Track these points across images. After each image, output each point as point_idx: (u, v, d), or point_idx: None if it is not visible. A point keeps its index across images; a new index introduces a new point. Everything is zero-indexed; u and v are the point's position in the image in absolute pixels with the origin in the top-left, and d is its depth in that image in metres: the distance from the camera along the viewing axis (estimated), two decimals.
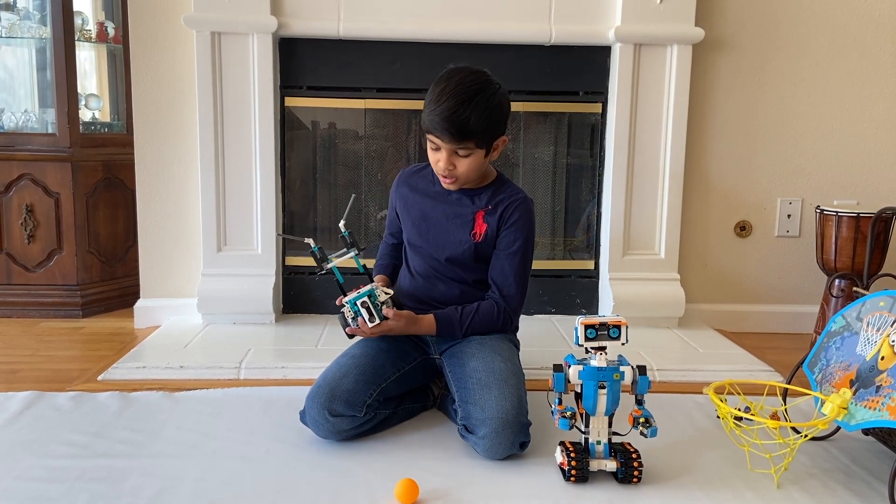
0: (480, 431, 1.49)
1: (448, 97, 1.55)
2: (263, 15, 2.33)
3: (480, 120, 1.55)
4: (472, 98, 1.55)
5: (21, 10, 2.66)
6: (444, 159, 1.60)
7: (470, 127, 1.55)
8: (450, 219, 1.72)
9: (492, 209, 1.70)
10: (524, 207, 1.70)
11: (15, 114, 2.67)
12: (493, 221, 1.69)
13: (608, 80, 2.48)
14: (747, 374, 2.09)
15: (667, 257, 2.51)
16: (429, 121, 1.58)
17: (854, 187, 2.60)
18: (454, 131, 1.55)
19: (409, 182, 1.80)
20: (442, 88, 1.57)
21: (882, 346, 1.37)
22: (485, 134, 1.59)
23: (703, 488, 1.41)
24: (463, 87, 1.56)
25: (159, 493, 1.35)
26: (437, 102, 1.56)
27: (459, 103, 1.54)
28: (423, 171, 1.80)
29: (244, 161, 2.41)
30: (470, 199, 1.72)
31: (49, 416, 1.70)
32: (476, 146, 1.59)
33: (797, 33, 2.51)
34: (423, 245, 1.75)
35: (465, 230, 1.70)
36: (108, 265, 2.73)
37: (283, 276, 2.54)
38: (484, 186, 1.72)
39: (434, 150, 1.62)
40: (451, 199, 1.73)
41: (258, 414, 1.73)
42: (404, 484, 1.33)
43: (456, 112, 1.54)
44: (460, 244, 1.70)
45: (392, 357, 1.67)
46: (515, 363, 1.65)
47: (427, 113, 1.58)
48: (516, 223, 1.69)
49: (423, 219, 1.75)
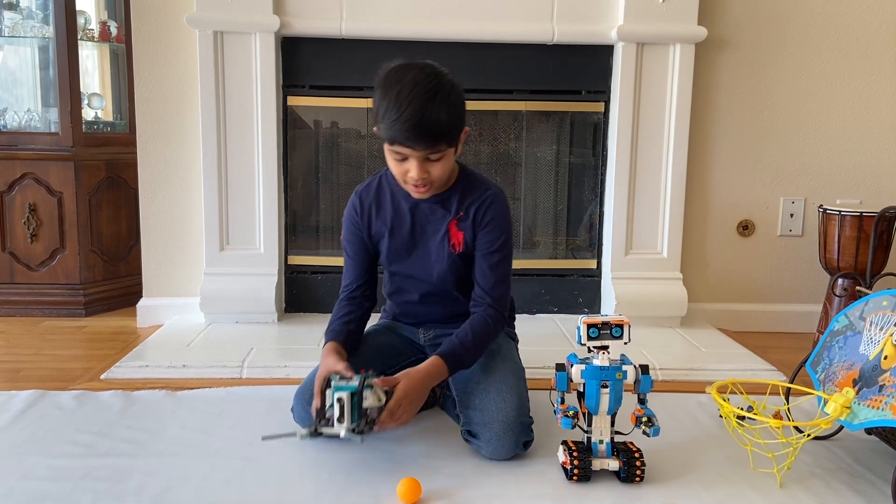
0: (483, 436, 1.48)
1: (409, 101, 1.39)
2: (266, 14, 2.33)
3: (449, 118, 1.42)
4: (434, 96, 1.40)
5: (24, 9, 2.67)
6: (416, 168, 1.45)
7: (441, 129, 1.41)
8: (428, 236, 1.61)
9: (464, 215, 1.58)
10: (497, 205, 1.58)
11: (18, 113, 2.67)
12: (467, 227, 1.58)
13: (611, 79, 2.47)
14: (750, 373, 2.09)
15: (669, 256, 2.51)
16: (392, 132, 1.41)
17: (857, 186, 2.59)
18: (427, 136, 1.41)
19: (373, 205, 1.63)
20: (398, 92, 1.40)
21: (885, 345, 1.37)
22: (453, 132, 1.46)
23: (705, 487, 1.41)
24: (421, 86, 1.40)
25: (163, 492, 1.35)
26: (397, 109, 1.39)
27: (424, 104, 1.39)
28: (379, 189, 1.64)
29: (247, 160, 2.41)
30: (440, 207, 1.59)
31: (52, 415, 1.70)
32: (447, 146, 1.46)
33: (800, 32, 2.51)
34: (406, 270, 1.65)
35: (443, 244, 1.60)
36: (110, 264, 2.73)
37: (285, 275, 2.54)
38: (451, 188, 1.59)
39: (400, 161, 1.47)
40: (421, 213, 1.60)
41: (261, 413, 1.73)
42: (407, 483, 1.33)
43: (424, 115, 1.39)
44: (443, 260, 1.60)
45: (383, 356, 1.66)
46: (514, 360, 1.63)
47: (388, 123, 1.41)
48: (492, 222, 1.57)
49: (402, 244, 1.62)
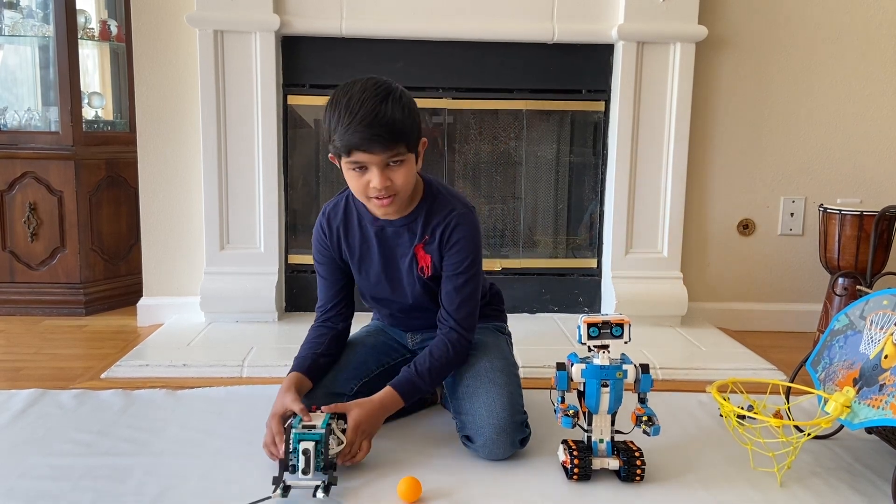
0: (478, 440, 1.48)
1: (360, 104, 1.36)
2: (266, 13, 2.33)
3: (404, 116, 1.39)
4: (386, 97, 1.38)
5: (24, 8, 2.67)
6: (377, 177, 1.40)
7: (397, 126, 1.38)
8: (397, 259, 1.58)
9: (429, 238, 1.54)
10: (462, 226, 1.52)
11: (18, 112, 2.67)
12: (433, 250, 1.54)
13: (611, 78, 2.47)
14: (750, 372, 2.09)
15: (670, 255, 2.51)
16: (347, 138, 1.37)
17: (857, 186, 2.59)
18: (385, 134, 1.37)
19: (340, 225, 1.60)
20: (347, 100, 1.38)
21: (885, 344, 1.37)
22: (411, 134, 1.42)
23: (705, 487, 1.41)
24: (370, 90, 1.38)
25: (163, 491, 1.35)
26: (350, 115, 1.36)
27: (376, 105, 1.37)
28: (345, 212, 1.60)
29: (247, 159, 2.41)
30: (406, 230, 1.55)
31: (52, 414, 1.70)
32: (407, 150, 1.42)
33: (800, 31, 2.51)
34: (382, 294, 1.63)
35: (412, 269, 1.56)
36: (111, 263, 2.73)
37: (285, 274, 2.54)
38: (415, 209, 1.54)
39: (359, 173, 1.42)
40: (388, 237, 1.57)
41: (261, 412, 1.71)
42: (407, 482, 1.33)
43: (378, 114, 1.36)
44: (412, 285, 1.58)
45: (377, 353, 1.67)
46: (503, 357, 1.61)
47: (341, 132, 1.37)
48: (458, 244, 1.52)
49: (372, 270, 1.60)
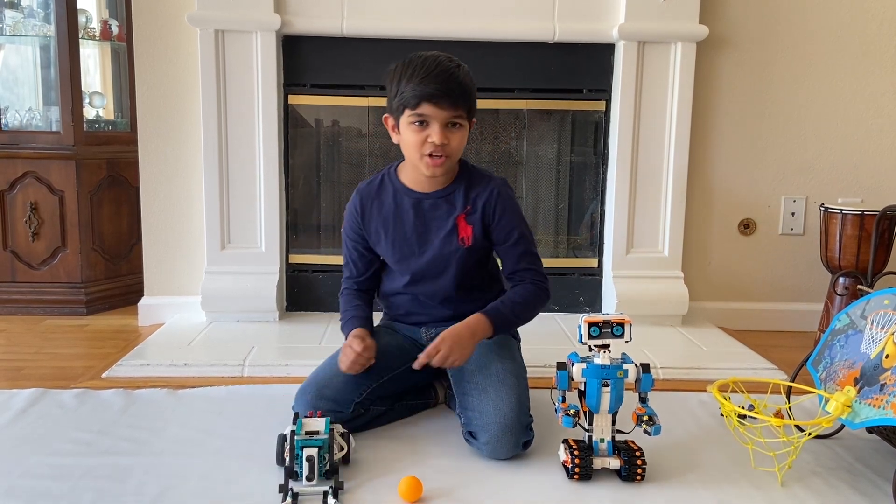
0: (482, 437, 1.48)
1: (434, 66, 1.47)
2: (267, 13, 2.33)
3: (470, 86, 1.51)
4: (458, 66, 1.50)
5: (25, 8, 2.67)
6: (437, 133, 1.48)
7: (466, 91, 1.49)
8: (432, 232, 1.61)
9: (471, 209, 1.59)
10: (504, 198, 1.60)
11: (19, 112, 2.68)
12: (476, 221, 1.60)
13: (612, 77, 2.47)
14: (751, 371, 2.09)
15: (670, 255, 2.51)
16: (421, 89, 1.46)
17: (858, 185, 2.59)
18: (456, 91, 1.47)
19: (373, 204, 1.65)
20: (423, 60, 1.48)
21: (886, 344, 1.37)
22: (472, 104, 1.53)
23: (706, 486, 1.41)
24: (444, 58, 1.50)
25: (164, 491, 1.35)
26: (425, 71, 1.46)
27: (451, 68, 1.48)
28: (381, 186, 1.66)
29: (248, 159, 2.41)
30: (445, 202, 1.61)
31: (53, 413, 1.70)
32: (466, 117, 1.52)
33: (801, 31, 2.51)
34: (408, 267, 1.64)
35: (450, 239, 1.60)
36: (111, 263, 2.74)
37: (286, 273, 2.54)
38: (454, 182, 1.62)
39: (419, 128, 1.50)
40: (426, 210, 1.61)
41: (262, 412, 1.73)
42: (408, 482, 1.33)
43: (452, 74, 1.47)
44: (451, 255, 1.61)
45: (389, 357, 1.64)
46: (514, 360, 1.62)
47: (414, 85, 1.46)
48: (504, 216, 1.60)
49: (405, 241, 1.63)
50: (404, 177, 1.64)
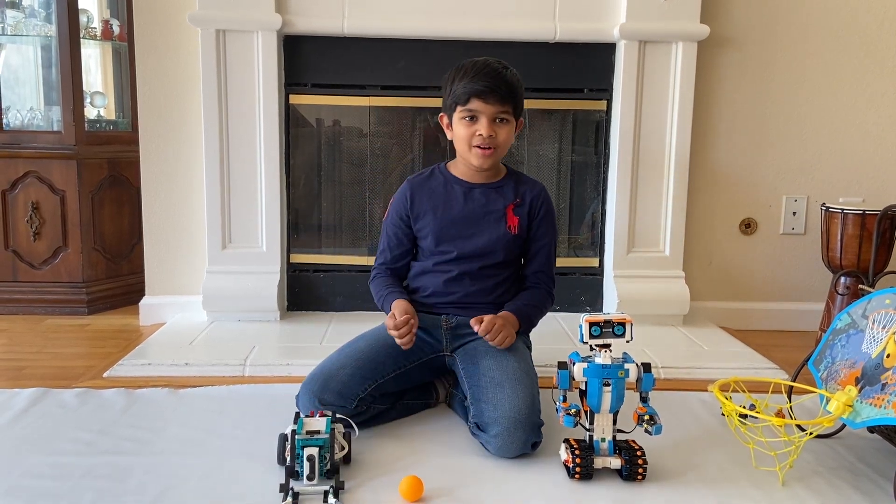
0: (492, 430, 1.48)
1: (483, 66, 1.63)
2: (268, 13, 2.33)
3: (518, 85, 1.65)
4: (506, 67, 1.65)
5: (26, 8, 2.67)
6: (485, 126, 1.63)
7: (512, 88, 1.63)
8: (482, 217, 1.72)
9: (520, 202, 1.74)
10: (549, 200, 1.78)
11: (20, 111, 2.68)
12: (523, 213, 1.73)
13: (613, 77, 2.47)
14: (752, 371, 2.09)
15: (672, 255, 2.51)
16: (471, 87, 1.61)
17: (859, 185, 2.59)
18: (502, 88, 1.61)
19: (423, 189, 1.77)
20: (474, 64, 1.64)
21: (888, 343, 1.37)
22: (519, 102, 1.67)
23: (707, 486, 1.41)
24: (493, 61, 1.65)
25: (164, 491, 1.35)
26: (474, 71, 1.62)
27: (500, 69, 1.63)
28: (431, 176, 1.79)
29: (249, 158, 2.41)
30: (495, 192, 1.74)
31: (55, 413, 1.70)
32: (513, 114, 1.66)
33: (803, 30, 2.51)
34: (455, 249, 1.72)
35: (499, 225, 1.72)
36: (113, 262, 2.74)
37: (287, 273, 2.54)
38: (503, 179, 1.76)
39: (469, 122, 1.65)
40: (476, 197, 1.74)
41: (263, 411, 1.73)
42: (409, 481, 1.33)
43: (500, 74, 1.62)
44: (498, 240, 1.72)
45: (394, 354, 1.65)
46: (528, 363, 1.65)
47: (465, 83, 1.62)
48: (546, 216, 1.76)
49: (453, 222, 1.73)
50: (455, 170, 1.77)
